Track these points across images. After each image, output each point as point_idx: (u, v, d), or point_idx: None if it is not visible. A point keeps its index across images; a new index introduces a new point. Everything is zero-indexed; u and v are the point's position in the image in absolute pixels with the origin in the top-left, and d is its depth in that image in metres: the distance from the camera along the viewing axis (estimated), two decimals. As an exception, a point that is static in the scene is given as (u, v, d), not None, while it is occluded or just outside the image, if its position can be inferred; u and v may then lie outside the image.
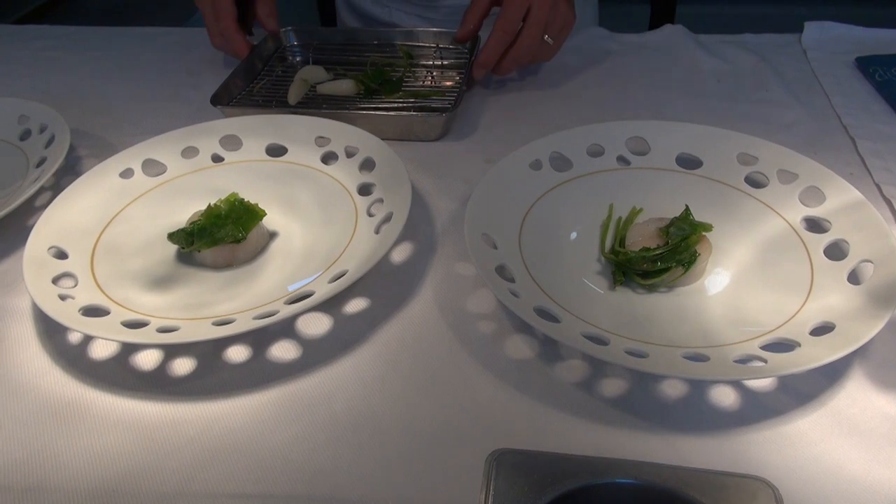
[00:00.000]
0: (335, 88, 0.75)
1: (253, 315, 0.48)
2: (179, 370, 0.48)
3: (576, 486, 0.28)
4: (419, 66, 0.80)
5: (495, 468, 0.29)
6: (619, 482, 0.28)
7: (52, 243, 0.54)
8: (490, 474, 0.29)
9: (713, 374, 0.42)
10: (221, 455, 0.42)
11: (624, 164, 0.61)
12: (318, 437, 0.43)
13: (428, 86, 0.77)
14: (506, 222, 0.55)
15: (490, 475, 0.29)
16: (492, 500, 0.28)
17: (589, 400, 0.44)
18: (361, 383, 0.46)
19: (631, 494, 0.28)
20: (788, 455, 0.40)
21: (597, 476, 0.28)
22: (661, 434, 0.42)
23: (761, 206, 0.56)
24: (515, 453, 0.29)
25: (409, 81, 0.77)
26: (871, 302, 0.45)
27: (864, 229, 0.50)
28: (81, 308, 0.48)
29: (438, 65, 0.81)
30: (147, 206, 0.60)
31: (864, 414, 0.42)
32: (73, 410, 0.45)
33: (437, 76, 0.79)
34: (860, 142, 0.65)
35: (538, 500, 0.28)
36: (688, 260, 0.49)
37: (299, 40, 0.85)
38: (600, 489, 0.28)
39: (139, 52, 0.90)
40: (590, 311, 0.48)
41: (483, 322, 0.50)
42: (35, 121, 0.69)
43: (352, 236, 0.56)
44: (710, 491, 0.27)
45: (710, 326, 0.47)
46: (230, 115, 0.69)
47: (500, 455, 0.29)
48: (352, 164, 0.62)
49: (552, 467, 0.29)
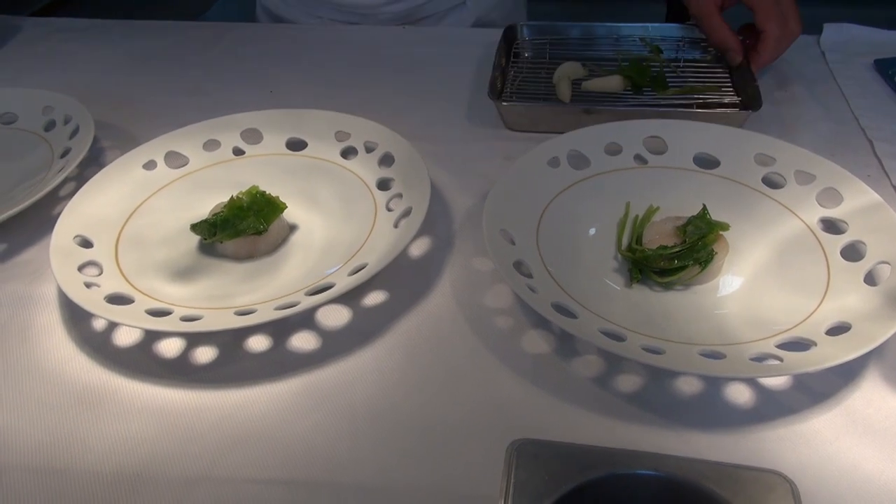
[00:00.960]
0: (603, 85, 0.73)
1: (274, 306, 0.48)
2: (202, 358, 0.49)
3: (596, 477, 0.28)
4: (668, 60, 0.78)
5: (516, 457, 0.29)
6: (638, 473, 0.28)
7: (77, 232, 0.55)
8: (511, 463, 0.29)
9: (729, 371, 0.42)
10: (243, 441, 0.43)
11: (641, 163, 0.61)
12: (338, 425, 0.44)
13: (695, 81, 0.74)
14: (524, 219, 0.55)
15: (511, 464, 0.29)
16: (513, 488, 0.29)
17: (605, 395, 0.45)
18: (380, 374, 0.47)
19: (650, 486, 0.28)
20: (803, 453, 0.41)
21: (616, 467, 0.29)
22: (675, 430, 0.43)
23: (778, 207, 0.56)
24: (536, 443, 0.30)
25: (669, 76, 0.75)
26: (887, 303, 0.45)
27: (881, 231, 0.50)
28: (107, 296, 0.49)
29: (690, 59, 0.79)
30: (170, 198, 0.61)
31: (879, 414, 0.43)
32: (98, 396, 0.46)
33: (690, 69, 0.77)
34: (878, 144, 0.65)
35: (558, 489, 0.28)
36: (705, 258, 0.50)
37: (532, 35, 0.83)
38: (620, 480, 0.28)
39: (160, 46, 0.91)
40: (606, 308, 0.49)
41: (500, 317, 0.51)
42: (59, 112, 0.70)
43: (371, 230, 0.56)
44: (728, 484, 0.28)
45: (726, 325, 0.48)
46: (508, 111, 0.69)
47: (521, 445, 0.30)
48: (371, 159, 0.63)
49: (572, 458, 0.29)
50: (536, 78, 0.76)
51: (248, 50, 0.89)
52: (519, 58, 0.81)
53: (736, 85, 0.72)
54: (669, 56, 0.79)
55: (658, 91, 0.72)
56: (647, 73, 0.73)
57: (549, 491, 0.28)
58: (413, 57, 0.85)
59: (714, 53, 0.78)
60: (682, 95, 0.72)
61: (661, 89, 0.72)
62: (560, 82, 0.73)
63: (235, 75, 0.83)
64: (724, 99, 0.71)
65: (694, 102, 0.70)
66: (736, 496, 0.27)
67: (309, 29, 0.93)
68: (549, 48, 0.81)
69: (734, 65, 0.73)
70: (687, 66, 0.77)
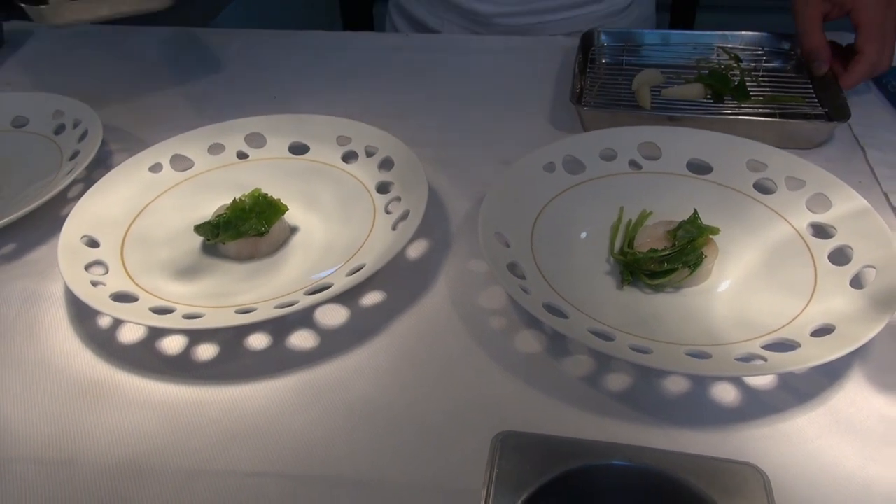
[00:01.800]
0: (684, 93, 0.73)
1: (274, 305, 0.50)
2: (203, 355, 0.50)
3: (575, 467, 0.30)
4: (748, 69, 0.78)
5: (500, 448, 0.31)
6: (616, 464, 0.29)
7: (84, 232, 0.56)
8: (495, 454, 0.31)
9: (714, 370, 0.44)
10: (242, 436, 0.45)
11: (636, 169, 0.63)
12: (334, 421, 0.45)
13: (777, 90, 0.74)
14: (519, 222, 0.57)
15: (495, 455, 0.30)
16: (496, 478, 0.30)
17: (594, 393, 0.46)
18: (376, 372, 0.48)
19: (627, 476, 0.30)
20: (786, 451, 0.42)
21: (595, 458, 0.30)
22: (662, 428, 0.44)
23: (769, 212, 0.57)
24: (519, 435, 0.31)
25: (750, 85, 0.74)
26: (871, 305, 0.46)
27: (869, 236, 0.51)
28: (112, 294, 0.51)
29: (769, 68, 0.78)
30: (175, 200, 0.63)
31: (861, 414, 0.44)
32: (102, 390, 0.48)
33: (770, 79, 0.76)
34: (870, 151, 0.66)
35: (539, 478, 0.30)
36: (694, 262, 0.51)
37: (609, 41, 0.83)
38: (598, 470, 0.30)
39: (169, 51, 0.93)
40: (598, 309, 0.50)
41: (494, 317, 0.52)
42: (70, 116, 0.72)
43: (370, 232, 0.58)
44: (702, 475, 0.29)
45: (714, 326, 0.49)
46: (590, 116, 0.70)
47: (505, 437, 0.31)
48: (371, 163, 0.64)
49: (553, 449, 0.30)
50: (615, 83, 0.77)
51: (253, 56, 0.91)
52: (595, 63, 0.81)
53: (819, 95, 0.72)
54: (748, 64, 0.78)
55: (739, 100, 0.72)
56: (728, 82, 0.72)
57: (531, 480, 0.30)
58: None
59: (794, 64, 0.78)
60: (765, 105, 0.71)
61: (743, 98, 0.72)
62: (640, 89, 0.73)
63: (240, 81, 0.85)
64: (808, 110, 0.71)
65: (777, 112, 0.70)
66: (709, 486, 0.28)
67: (315, 37, 0.94)
68: (625, 54, 0.82)
69: (818, 74, 0.72)
70: (767, 75, 0.77)
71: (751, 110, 0.71)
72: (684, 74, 0.77)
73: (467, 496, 0.40)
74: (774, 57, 0.80)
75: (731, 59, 0.78)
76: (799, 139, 0.67)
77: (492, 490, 0.30)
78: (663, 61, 0.81)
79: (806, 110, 0.71)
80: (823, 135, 0.67)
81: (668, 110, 0.71)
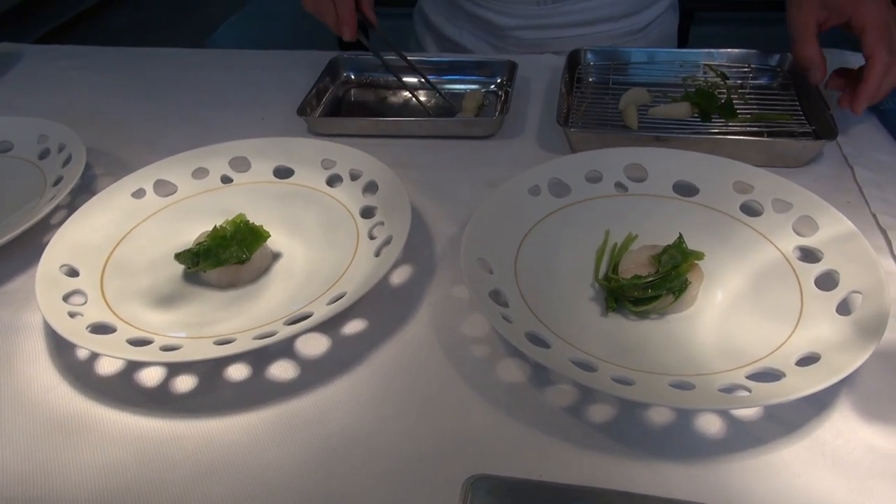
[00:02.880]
0: (671, 112, 0.72)
1: (253, 335, 0.49)
2: (181, 387, 0.49)
3: (547, 513, 0.29)
4: (735, 87, 0.78)
5: (471, 493, 0.30)
6: (587, 510, 0.29)
7: (64, 261, 0.56)
8: (465, 498, 0.30)
9: (697, 402, 0.43)
10: (218, 470, 0.44)
11: (622, 191, 0.62)
12: (312, 455, 0.44)
13: (764, 108, 0.74)
14: (503, 247, 0.56)
15: (465, 499, 0.30)
16: (466, 524, 0.29)
17: (577, 425, 0.45)
18: (356, 403, 0.48)
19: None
20: (771, 485, 0.41)
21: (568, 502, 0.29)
22: (646, 461, 0.43)
23: (755, 235, 0.56)
24: (491, 479, 0.30)
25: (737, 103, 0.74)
26: (857, 333, 0.45)
27: (855, 260, 0.50)
28: (90, 325, 0.50)
29: (756, 86, 0.79)
30: (157, 226, 0.62)
31: (848, 445, 0.43)
32: (78, 425, 0.47)
33: (757, 96, 0.76)
34: (858, 171, 0.65)
35: (510, 525, 0.29)
36: (678, 288, 0.50)
37: (596, 59, 0.83)
38: (570, 516, 0.29)
39: (157, 73, 0.93)
40: (581, 337, 0.49)
41: (477, 346, 0.51)
42: (54, 140, 0.72)
43: (352, 259, 0.57)
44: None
45: (699, 354, 0.48)
46: (577, 137, 0.70)
47: (476, 481, 0.30)
48: (355, 187, 0.64)
49: (525, 494, 0.30)
50: (602, 103, 0.77)
51: (243, 77, 0.90)
52: (582, 83, 0.81)
53: (806, 113, 0.72)
54: (736, 82, 0.78)
55: (727, 119, 0.71)
56: (715, 101, 0.72)
57: (501, 527, 0.29)
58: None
59: (781, 81, 0.78)
60: (752, 123, 0.71)
61: (730, 117, 0.71)
62: (627, 108, 0.73)
63: (229, 103, 0.85)
64: (796, 128, 0.70)
65: (765, 130, 0.70)
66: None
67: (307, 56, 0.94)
68: (612, 73, 0.82)
69: (813, 83, 0.70)
70: (754, 92, 0.77)
71: (738, 129, 0.71)
72: (671, 93, 0.76)
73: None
74: (761, 74, 0.80)
75: (718, 77, 0.77)
76: (787, 158, 0.67)
77: (461, 537, 0.29)
78: (650, 80, 0.80)
79: (794, 128, 0.70)
80: (811, 153, 0.67)
81: (654, 130, 0.70)
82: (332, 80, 0.86)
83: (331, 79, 0.85)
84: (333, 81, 0.86)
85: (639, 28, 0.95)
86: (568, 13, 0.92)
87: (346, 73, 0.87)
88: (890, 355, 0.48)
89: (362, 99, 0.85)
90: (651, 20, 0.95)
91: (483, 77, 0.84)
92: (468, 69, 0.85)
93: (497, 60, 0.84)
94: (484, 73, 0.84)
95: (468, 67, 0.85)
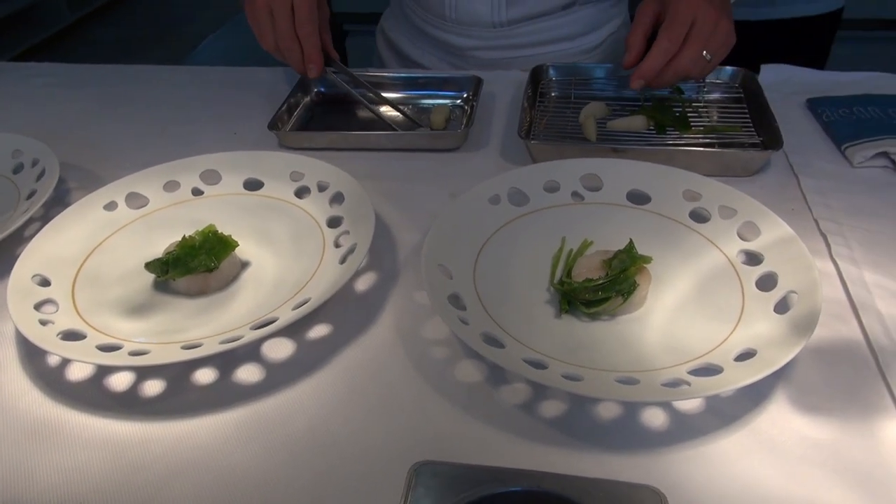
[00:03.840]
0: (628, 125, 0.76)
1: (219, 340, 0.51)
2: (150, 391, 0.51)
3: (485, 493, 0.31)
4: (690, 100, 0.82)
5: (416, 477, 0.32)
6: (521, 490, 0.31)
7: (36, 271, 0.57)
8: (410, 483, 0.32)
9: (641, 396, 0.45)
10: (185, 471, 0.45)
11: (578, 200, 0.65)
12: (277, 455, 0.46)
13: (715, 121, 0.78)
14: (463, 253, 0.58)
15: (410, 484, 0.32)
16: (410, 506, 0.31)
17: (530, 421, 0.48)
18: (320, 404, 0.50)
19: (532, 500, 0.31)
20: (708, 473, 0.43)
21: (505, 484, 0.31)
22: (593, 453, 0.45)
23: (703, 240, 0.59)
24: (435, 464, 0.32)
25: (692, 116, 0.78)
26: (792, 330, 0.48)
27: (793, 262, 0.53)
28: (60, 332, 0.52)
29: (711, 99, 0.82)
30: (129, 238, 0.64)
31: (782, 435, 0.45)
32: (49, 430, 0.49)
33: (711, 109, 0.80)
34: (803, 178, 0.69)
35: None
36: (627, 290, 0.53)
37: (557, 75, 0.87)
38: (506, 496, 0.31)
39: (132, 90, 0.95)
40: (536, 338, 0.52)
41: (437, 347, 0.54)
42: (28, 155, 0.73)
43: (318, 266, 0.59)
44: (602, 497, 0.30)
45: (646, 352, 0.51)
46: (538, 149, 0.73)
47: (421, 466, 0.32)
48: (323, 198, 0.66)
49: (466, 477, 0.32)
50: (563, 116, 0.80)
51: (216, 93, 0.93)
52: (545, 97, 0.85)
53: (756, 125, 0.76)
54: (690, 96, 0.82)
55: (681, 131, 0.75)
56: (670, 114, 0.76)
57: (444, 508, 0.31)
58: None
59: (734, 95, 0.82)
60: (705, 135, 0.75)
61: (684, 129, 0.75)
62: (586, 121, 0.76)
63: (201, 118, 0.87)
64: (746, 139, 0.74)
65: (717, 142, 0.74)
66: (608, 510, 0.30)
67: (278, 72, 0.97)
68: (574, 88, 0.85)
69: (624, 66, 0.76)
70: (707, 106, 0.81)
71: (691, 140, 0.74)
72: (629, 106, 0.79)
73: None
74: (715, 88, 0.84)
75: (674, 91, 0.81)
76: (736, 167, 0.70)
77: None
78: (609, 94, 0.84)
79: (744, 139, 0.74)
80: (759, 163, 0.70)
81: (612, 142, 0.74)
82: (303, 96, 0.88)
83: (302, 94, 0.88)
84: (304, 97, 0.88)
85: (594, 46, 0.99)
86: (525, 34, 0.95)
87: (316, 89, 0.89)
88: (824, 351, 0.51)
89: (333, 113, 0.87)
90: (604, 38, 0.99)
91: (450, 92, 0.87)
92: (436, 85, 0.88)
93: (464, 76, 0.87)
94: (451, 89, 0.87)
95: (436, 83, 0.88)
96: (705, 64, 0.72)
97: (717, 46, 0.72)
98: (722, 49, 0.73)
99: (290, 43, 0.78)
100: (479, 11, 0.93)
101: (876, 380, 0.49)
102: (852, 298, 0.55)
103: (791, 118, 0.80)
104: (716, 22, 0.71)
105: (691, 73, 0.73)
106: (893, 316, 0.53)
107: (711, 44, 0.72)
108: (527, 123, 0.76)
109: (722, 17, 0.71)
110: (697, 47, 0.71)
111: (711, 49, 0.72)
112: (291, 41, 0.78)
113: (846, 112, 0.77)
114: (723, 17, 0.71)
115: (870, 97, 0.79)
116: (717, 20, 0.71)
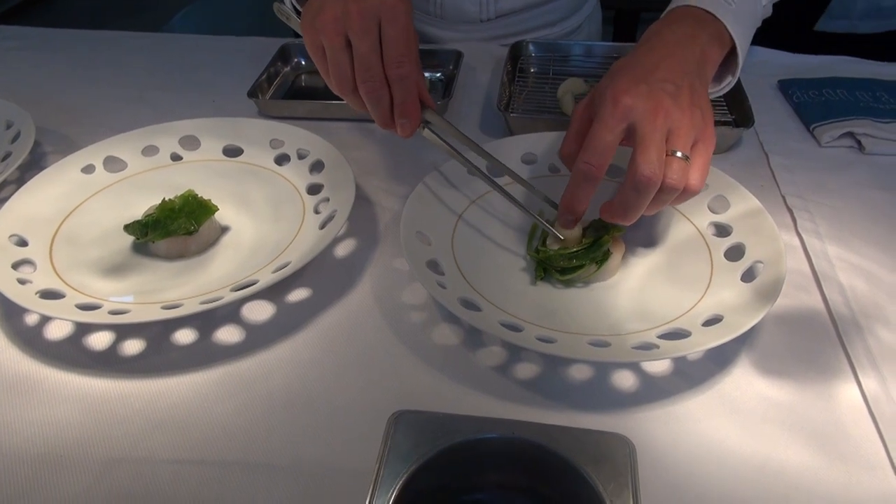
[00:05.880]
0: None
1: (199, 300, 0.51)
2: (129, 350, 0.51)
3: (461, 440, 0.32)
4: None
5: (395, 425, 0.33)
6: (496, 437, 0.32)
7: (13, 231, 0.57)
8: (389, 431, 0.33)
9: (611, 356, 0.47)
10: (164, 425, 0.46)
11: (554, 172, 0.66)
12: (254, 410, 0.47)
13: None
14: (442, 221, 0.59)
15: (389, 431, 0.33)
16: (389, 451, 0.33)
17: (505, 381, 0.49)
18: (297, 363, 0.50)
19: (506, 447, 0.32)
20: (674, 430, 0.45)
21: (480, 432, 0.33)
22: (563, 411, 0.47)
23: (674, 212, 0.61)
24: (412, 413, 0.33)
25: None
26: (756, 297, 0.50)
27: (760, 234, 0.55)
28: (39, 291, 0.52)
29: None
30: (107, 200, 0.64)
31: (745, 396, 0.48)
32: (26, 386, 0.49)
33: None
34: (772, 157, 0.71)
35: (429, 451, 0.32)
36: (600, 258, 0.54)
37: (538, 52, 0.88)
38: (482, 443, 0.32)
39: (108, 55, 0.94)
40: (512, 303, 0.53)
41: (415, 312, 0.55)
42: (2, 117, 0.72)
43: (298, 231, 0.60)
44: (572, 444, 0.32)
45: (617, 318, 0.52)
46: (516, 122, 0.73)
47: (400, 415, 0.33)
48: (303, 166, 0.66)
49: (443, 425, 0.33)
50: (542, 91, 0.81)
51: (195, 61, 0.92)
52: (525, 73, 0.86)
53: (729, 104, 0.77)
54: None
55: None
56: None
57: (421, 452, 0.32)
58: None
59: None
60: None
61: None
62: (564, 96, 0.77)
63: (180, 85, 0.86)
64: (719, 117, 0.75)
65: None
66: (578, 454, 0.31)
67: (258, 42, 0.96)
68: (553, 65, 0.86)
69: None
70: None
71: None
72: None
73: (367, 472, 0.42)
74: None
75: None
76: None
77: (384, 463, 0.32)
78: (587, 71, 0.85)
79: (717, 117, 0.76)
80: (730, 140, 0.72)
81: None
82: (283, 65, 0.88)
83: (282, 63, 0.88)
84: (285, 66, 0.88)
85: (572, 29, 1.00)
86: (509, 25, 0.96)
87: (296, 59, 0.89)
88: (787, 320, 0.53)
89: (312, 84, 0.87)
90: (581, 21, 1.01)
91: (431, 65, 0.88)
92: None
93: (444, 49, 0.88)
94: (432, 62, 0.88)
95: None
96: (685, 168, 0.50)
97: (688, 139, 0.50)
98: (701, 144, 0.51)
99: (379, 87, 0.53)
100: (466, 9, 0.93)
101: (835, 346, 0.51)
102: (815, 270, 0.57)
103: (763, 98, 0.82)
104: (665, 112, 0.49)
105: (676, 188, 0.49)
106: (853, 287, 0.55)
107: (677, 139, 0.49)
108: (506, 97, 0.77)
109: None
110: (680, 173, 0.49)
111: (681, 145, 0.49)
112: (380, 85, 0.53)
113: (815, 94, 0.79)
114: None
115: (838, 80, 0.81)
116: (667, 110, 0.49)
